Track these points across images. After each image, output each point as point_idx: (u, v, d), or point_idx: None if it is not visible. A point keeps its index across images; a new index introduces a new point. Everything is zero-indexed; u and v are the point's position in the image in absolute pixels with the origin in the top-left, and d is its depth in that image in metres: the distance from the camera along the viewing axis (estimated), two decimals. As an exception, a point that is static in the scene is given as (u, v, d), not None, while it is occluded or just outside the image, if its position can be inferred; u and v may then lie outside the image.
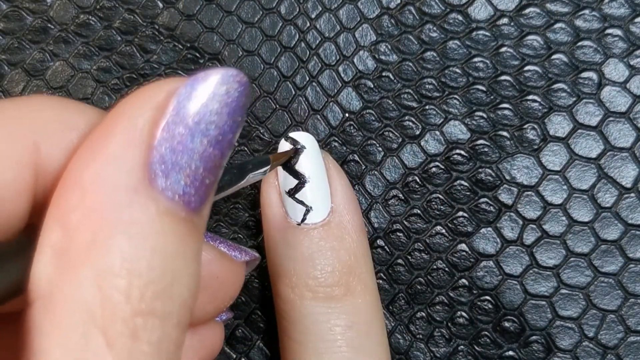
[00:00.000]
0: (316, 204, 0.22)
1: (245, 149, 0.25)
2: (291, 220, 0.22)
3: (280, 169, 0.22)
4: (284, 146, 0.22)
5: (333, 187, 0.22)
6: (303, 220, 0.22)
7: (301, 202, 0.22)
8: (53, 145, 0.15)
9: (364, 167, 0.25)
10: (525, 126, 0.24)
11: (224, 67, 0.14)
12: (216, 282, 0.19)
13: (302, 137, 0.23)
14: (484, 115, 0.24)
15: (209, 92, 0.14)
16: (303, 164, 0.22)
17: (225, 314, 0.22)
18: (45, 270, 0.13)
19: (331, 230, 0.22)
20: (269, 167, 0.20)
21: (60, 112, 0.15)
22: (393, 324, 0.24)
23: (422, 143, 0.25)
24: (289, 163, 0.22)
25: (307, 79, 0.25)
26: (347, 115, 0.25)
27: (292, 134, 0.22)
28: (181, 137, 0.14)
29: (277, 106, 0.25)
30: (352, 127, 0.25)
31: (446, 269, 0.24)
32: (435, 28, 0.25)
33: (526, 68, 0.24)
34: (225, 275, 0.19)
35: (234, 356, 0.25)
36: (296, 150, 0.22)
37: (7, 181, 0.14)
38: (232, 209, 0.25)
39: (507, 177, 0.24)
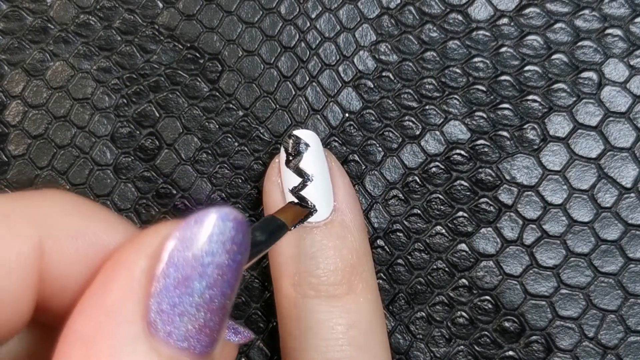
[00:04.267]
0: (319, 202, 0.22)
1: (245, 148, 0.25)
2: None
3: (283, 167, 0.22)
4: (287, 143, 0.22)
5: (336, 186, 0.22)
6: (306, 218, 0.22)
7: (305, 201, 0.22)
8: (59, 246, 0.14)
9: (364, 167, 0.25)
10: (525, 126, 0.24)
11: (218, 207, 0.14)
12: None
13: (306, 135, 0.23)
14: (484, 115, 0.24)
15: (204, 235, 0.13)
16: (307, 163, 0.22)
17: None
18: None
19: (334, 229, 0.22)
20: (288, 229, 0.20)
21: (66, 210, 0.15)
22: (393, 324, 0.24)
23: (422, 143, 0.25)
24: (292, 161, 0.22)
25: (307, 79, 0.25)
26: (347, 115, 0.25)
27: (296, 132, 0.22)
28: (178, 282, 0.13)
29: (277, 106, 0.25)
30: (352, 127, 0.25)
31: (446, 269, 0.24)
32: (435, 28, 0.25)
33: (526, 68, 0.24)
34: (217, 357, 0.19)
35: (234, 356, 0.25)
36: (298, 152, 0.22)
37: (9, 282, 0.14)
38: (232, 209, 0.25)
39: (507, 177, 0.24)
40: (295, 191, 0.22)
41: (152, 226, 0.14)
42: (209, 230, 0.13)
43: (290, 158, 0.22)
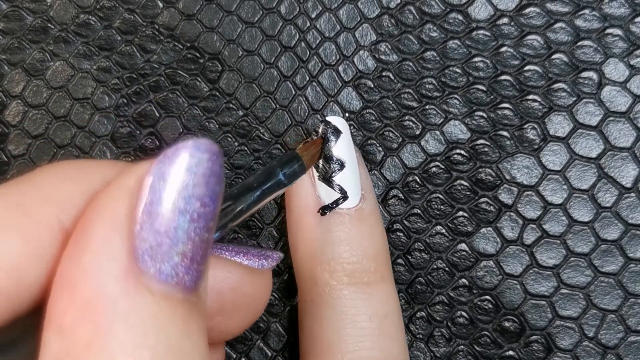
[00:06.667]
0: (350, 189, 0.22)
1: (245, 148, 0.25)
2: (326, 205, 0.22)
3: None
4: (319, 129, 0.22)
5: (362, 175, 0.22)
6: (338, 204, 0.22)
7: (339, 187, 0.22)
8: (77, 215, 0.14)
9: (364, 167, 0.25)
10: (525, 126, 0.24)
11: (194, 139, 0.14)
12: (248, 299, 0.18)
13: (338, 121, 0.22)
14: (484, 115, 0.24)
15: (181, 167, 0.13)
16: (340, 149, 0.22)
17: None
18: None
19: (365, 216, 0.22)
20: (300, 163, 0.20)
21: (78, 180, 0.15)
22: (393, 324, 0.24)
23: (422, 143, 0.25)
24: (324, 147, 0.22)
25: (307, 78, 0.25)
26: (347, 115, 0.25)
27: (328, 118, 0.22)
28: (161, 217, 0.13)
29: (277, 106, 0.25)
30: (352, 127, 0.25)
31: (446, 268, 0.24)
32: (435, 28, 0.25)
33: (526, 68, 0.24)
34: (256, 290, 0.18)
35: (234, 356, 0.25)
36: (329, 138, 0.22)
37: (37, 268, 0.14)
38: (232, 209, 0.25)
39: (507, 177, 0.24)
40: (329, 177, 0.22)
41: (130, 167, 0.14)
42: (186, 162, 0.13)
43: (322, 144, 0.22)
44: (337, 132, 0.22)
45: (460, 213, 0.24)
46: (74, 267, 0.13)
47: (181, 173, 0.13)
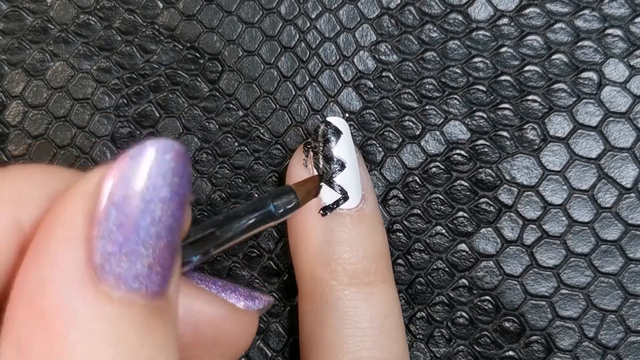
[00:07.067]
0: (350, 190, 0.22)
1: (245, 149, 0.25)
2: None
3: (311, 152, 0.22)
4: (319, 129, 0.22)
5: (362, 175, 0.22)
6: (338, 205, 0.22)
7: (339, 188, 0.22)
8: (36, 219, 0.14)
9: (364, 167, 0.25)
10: (525, 126, 0.24)
11: (156, 139, 0.13)
12: (230, 337, 0.18)
13: (338, 122, 0.22)
14: (484, 115, 0.24)
15: (142, 170, 0.13)
16: (340, 150, 0.22)
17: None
18: None
19: (365, 217, 0.22)
20: (294, 197, 0.19)
21: (38, 182, 0.14)
22: (393, 324, 0.24)
23: (422, 143, 0.25)
24: (325, 147, 0.22)
25: (307, 79, 0.25)
26: (347, 115, 0.25)
27: (329, 118, 0.22)
28: (121, 222, 0.12)
29: (277, 106, 0.25)
30: (352, 127, 0.25)
31: (446, 269, 0.24)
32: (435, 28, 0.25)
33: (526, 68, 0.24)
34: (239, 329, 0.18)
35: (234, 356, 0.25)
36: (329, 139, 0.22)
37: None
38: (232, 209, 0.25)
39: (507, 177, 0.24)
40: (330, 177, 0.22)
41: (89, 172, 0.14)
42: (147, 165, 0.13)
43: (323, 144, 0.22)
44: (337, 133, 0.22)
45: (460, 213, 0.24)
46: (31, 276, 0.12)
47: (142, 176, 0.13)
